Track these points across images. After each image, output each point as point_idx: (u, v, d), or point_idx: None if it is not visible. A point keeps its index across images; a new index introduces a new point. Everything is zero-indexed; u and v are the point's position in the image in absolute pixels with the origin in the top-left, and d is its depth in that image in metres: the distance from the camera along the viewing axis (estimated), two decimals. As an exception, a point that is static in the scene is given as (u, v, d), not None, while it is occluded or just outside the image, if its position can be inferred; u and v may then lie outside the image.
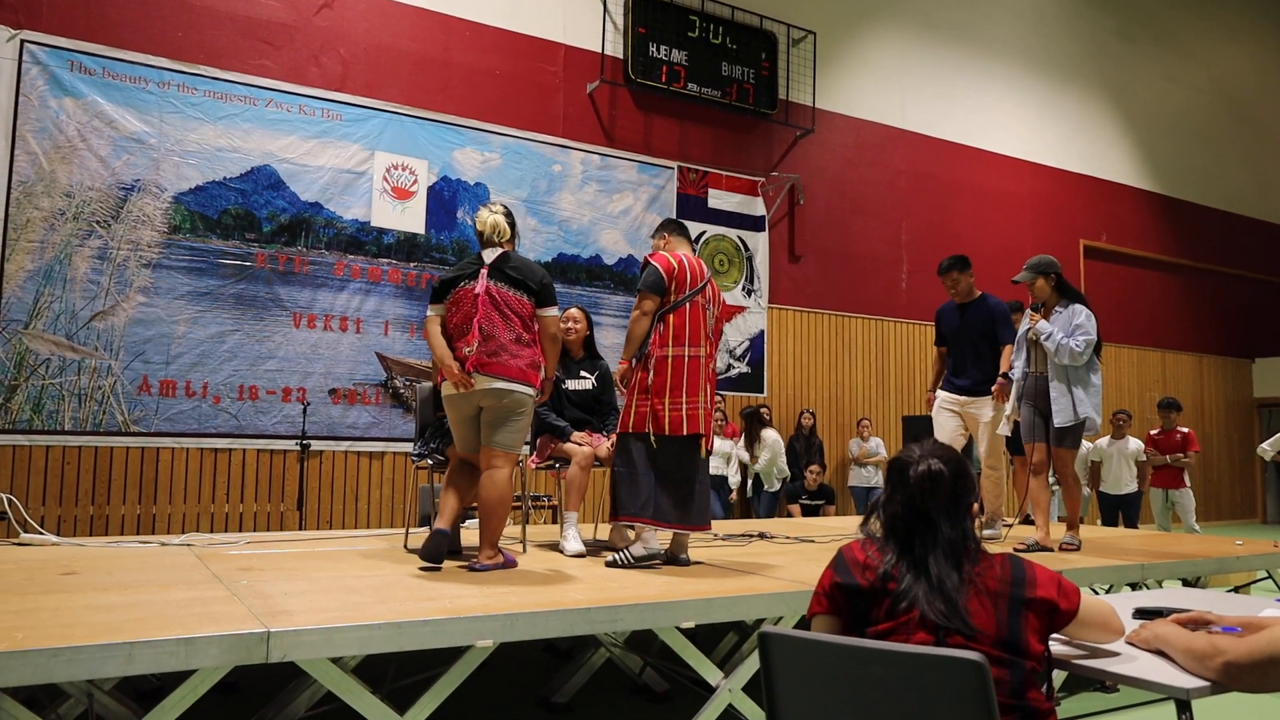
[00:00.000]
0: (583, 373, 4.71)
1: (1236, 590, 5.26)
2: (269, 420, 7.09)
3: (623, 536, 4.39)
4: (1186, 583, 4.59)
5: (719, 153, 9.53)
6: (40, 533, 4.60)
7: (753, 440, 8.64)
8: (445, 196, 7.94)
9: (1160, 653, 1.86)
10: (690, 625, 3.01)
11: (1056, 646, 1.89)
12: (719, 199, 9.46)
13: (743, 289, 9.53)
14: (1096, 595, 2.34)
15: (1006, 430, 5.09)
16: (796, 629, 1.77)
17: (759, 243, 9.69)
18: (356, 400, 7.42)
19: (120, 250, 6.70)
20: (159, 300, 6.79)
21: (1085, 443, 8.67)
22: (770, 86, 9.71)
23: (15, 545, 4.28)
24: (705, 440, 3.92)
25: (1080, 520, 6.77)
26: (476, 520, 5.44)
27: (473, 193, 8.08)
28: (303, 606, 2.73)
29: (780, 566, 3.92)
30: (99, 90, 6.69)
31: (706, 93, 9.33)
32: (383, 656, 2.67)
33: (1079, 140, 12.51)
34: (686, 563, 3.93)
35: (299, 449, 7.06)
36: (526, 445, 5.02)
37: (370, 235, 7.61)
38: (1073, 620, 1.80)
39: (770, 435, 8.69)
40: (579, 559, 4.08)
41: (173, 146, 6.91)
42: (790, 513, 8.61)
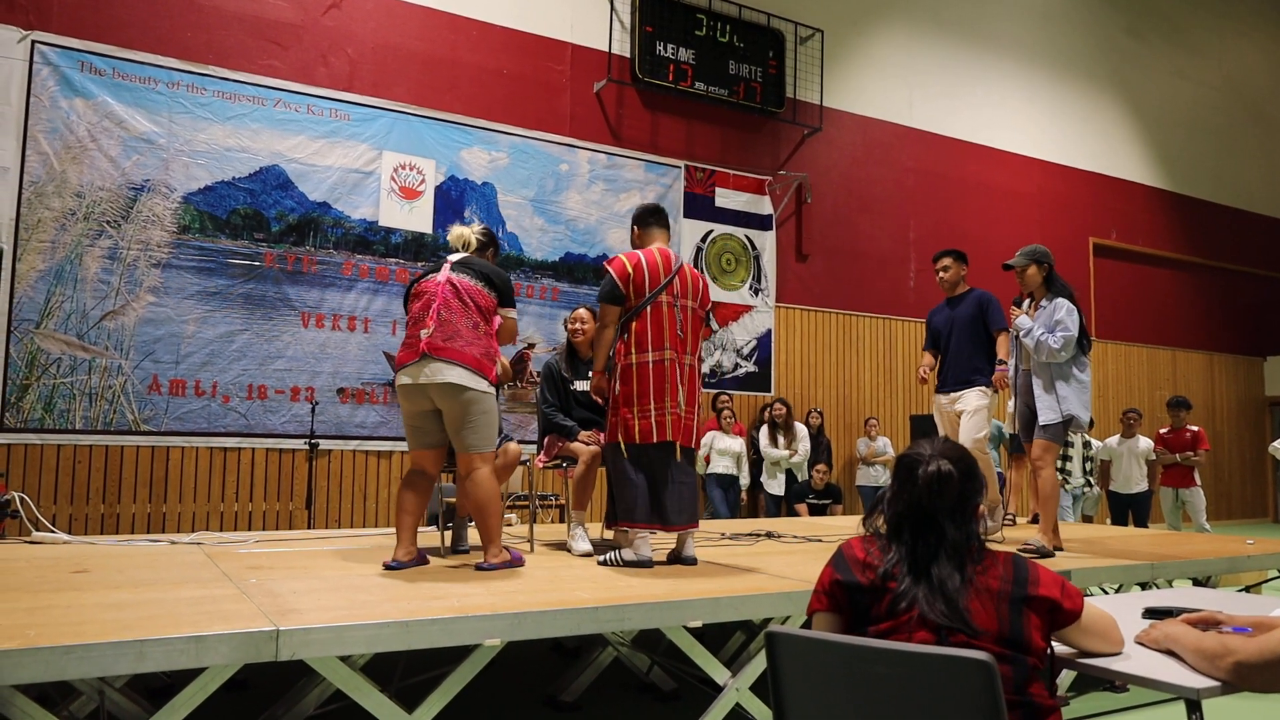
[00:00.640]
0: (590, 373, 4.71)
1: (1248, 590, 5.23)
2: (278, 419, 7.12)
3: (626, 538, 4.39)
4: (1197, 582, 4.57)
5: (726, 151, 9.52)
6: (51, 531, 4.63)
7: (791, 435, 8.72)
8: (453, 196, 7.95)
9: (1170, 652, 1.85)
10: (697, 624, 3.01)
11: (1062, 647, 1.88)
12: (726, 198, 9.45)
13: (750, 288, 9.52)
14: (1104, 602, 2.33)
15: (1010, 427, 5.03)
16: (803, 628, 1.77)
17: (766, 242, 9.68)
18: (365, 399, 7.44)
19: (130, 250, 6.73)
20: (169, 300, 6.82)
21: (1094, 441, 8.64)
22: (777, 85, 9.70)
23: (27, 543, 4.31)
24: (693, 444, 3.90)
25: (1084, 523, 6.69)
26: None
27: (480, 192, 8.09)
28: (312, 605, 2.74)
29: (787, 566, 3.92)
30: (109, 91, 6.72)
31: (714, 91, 9.32)
32: (391, 655, 2.67)
33: (1088, 137, 12.45)
34: (692, 560, 3.93)
35: (308, 448, 7.09)
36: (534, 445, 5.04)
37: (378, 235, 7.63)
38: (1075, 623, 1.79)
39: (801, 429, 8.85)
40: (586, 558, 4.08)
41: (182, 147, 6.94)
42: (797, 512, 8.59)
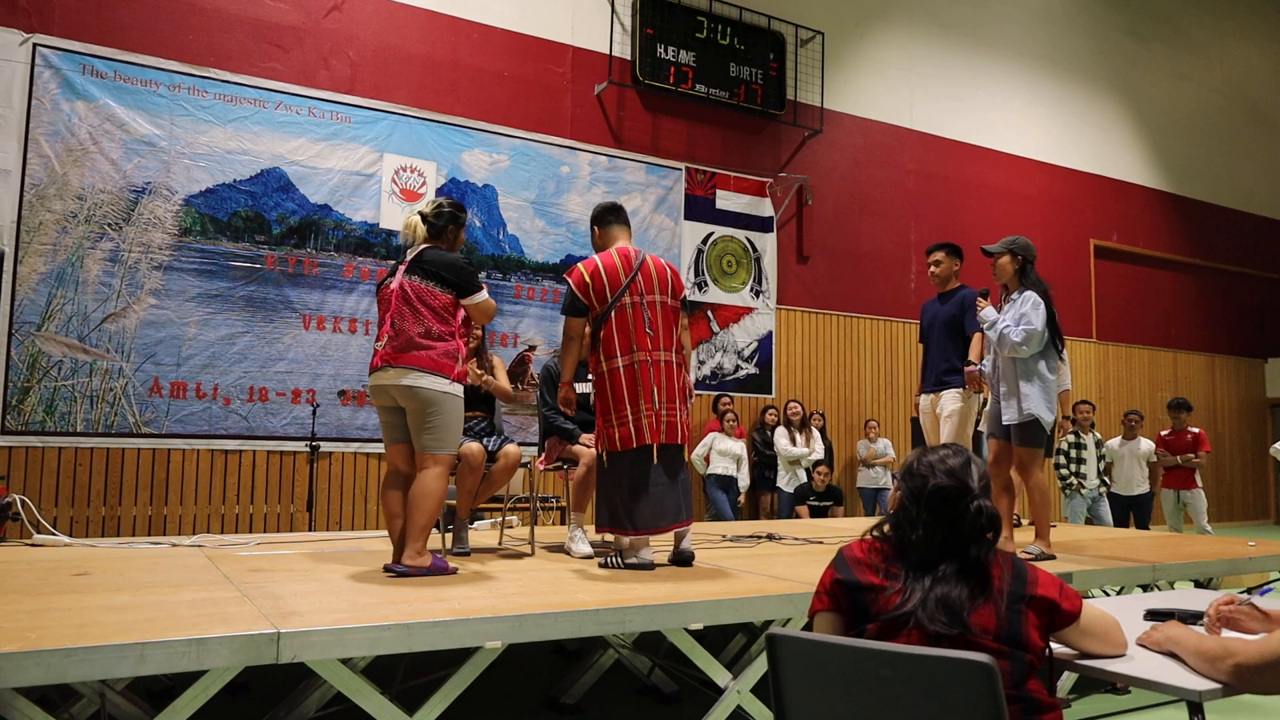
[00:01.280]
0: (590, 375, 4.71)
1: (1249, 592, 5.22)
2: (279, 422, 7.12)
3: (625, 540, 4.39)
4: (1198, 584, 4.56)
5: (727, 153, 9.52)
6: (52, 534, 4.63)
7: (809, 433, 8.86)
8: (454, 198, 7.95)
9: (1172, 654, 1.86)
10: (698, 627, 3.01)
11: (1063, 649, 1.88)
12: (727, 200, 9.45)
13: (751, 290, 9.52)
14: (1105, 604, 2.33)
15: (983, 426, 4.97)
16: (805, 630, 1.77)
17: (767, 243, 9.68)
18: (366, 402, 7.44)
19: (131, 252, 6.73)
20: (170, 302, 6.83)
21: (1111, 442, 8.55)
22: (778, 87, 9.70)
23: (28, 546, 4.31)
24: (680, 439, 3.85)
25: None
26: (483, 522, 5.46)
27: (481, 194, 8.10)
28: (313, 607, 2.74)
29: (789, 568, 3.91)
30: (110, 93, 6.73)
31: (714, 93, 9.32)
32: (392, 657, 2.68)
33: (1089, 139, 12.45)
34: (689, 556, 3.92)
35: (309, 450, 7.09)
36: (534, 447, 5.04)
37: (379, 237, 7.64)
38: (1074, 624, 1.79)
39: (814, 428, 9.01)
40: (587, 560, 4.08)
41: (183, 149, 6.95)
42: (798, 513, 8.60)
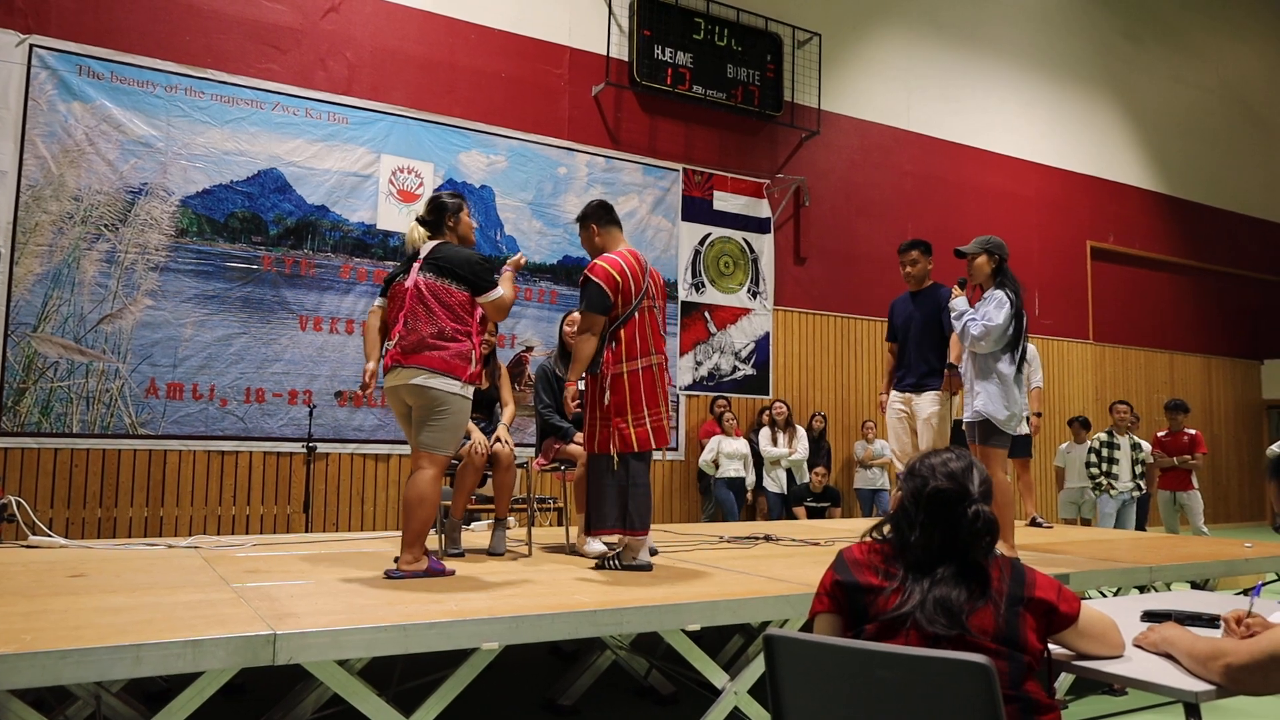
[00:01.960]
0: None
1: (1245, 593, 5.23)
2: (275, 423, 7.11)
3: (622, 542, 4.39)
4: (1195, 585, 4.57)
5: (724, 155, 9.53)
6: (48, 535, 4.62)
7: (792, 434, 8.81)
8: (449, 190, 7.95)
9: (1168, 655, 1.86)
10: (696, 628, 3.01)
11: (1061, 649, 1.89)
12: (724, 201, 9.46)
13: (748, 291, 9.53)
14: (1102, 605, 2.34)
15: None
16: (802, 631, 1.77)
17: (764, 245, 9.68)
18: (362, 403, 7.43)
19: (128, 253, 6.72)
20: (166, 303, 6.81)
21: (1144, 443, 8.50)
22: (775, 88, 9.71)
23: (23, 547, 4.30)
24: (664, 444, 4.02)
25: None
26: (482, 523, 5.46)
27: (478, 195, 8.09)
28: (309, 609, 2.73)
29: (786, 569, 3.91)
30: (107, 94, 6.72)
31: (712, 95, 9.32)
32: (389, 659, 2.67)
33: (1086, 141, 12.47)
34: (654, 551, 4.14)
35: (305, 451, 7.08)
36: (532, 448, 5.04)
37: (376, 238, 7.63)
38: (1072, 626, 1.80)
39: (799, 429, 8.97)
40: (585, 560, 4.08)
41: (180, 150, 6.94)
42: (796, 514, 8.60)
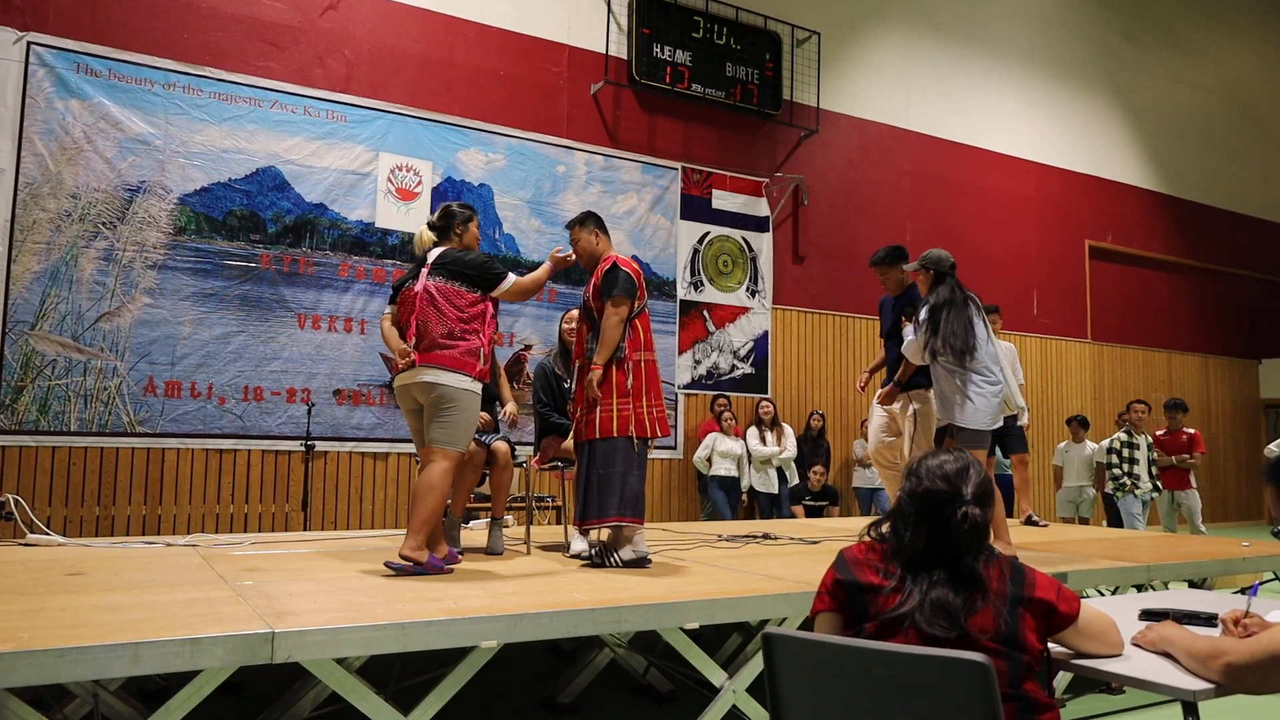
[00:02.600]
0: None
1: (1243, 592, 5.24)
2: (274, 421, 7.10)
3: (621, 536, 4.39)
4: (1193, 584, 4.58)
5: (723, 153, 9.53)
6: (46, 533, 4.62)
7: (780, 432, 8.76)
8: (450, 198, 7.93)
9: (1166, 654, 1.86)
10: (694, 626, 3.01)
11: (1060, 648, 1.89)
12: (723, 200, 9.45)
13: (747, 290, 9.53)
14: (1100, 602, 2.34)
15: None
16: (801, 630, 1.77)
17: (763, 244, 9.68)
18: (361, 401, 7.43)
19: (126, 252, 6.71)
20: (164, 301, 6.81)
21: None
22: (774, 87, 9.71)
23: (21, 546, 4.30)
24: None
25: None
26: (480, 521, 5.46)
27: (477, 194, 8.09)
28: (307, 607, 2.73)
29: (784, 568, 3.92)
30: (105, 92, 6.71)
31: (711, 93, 9.32)
32: (387, 657, 2.67)
33: (1085, 140, 12.48)
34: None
35: (304, 450, 7.08)
36: (530, 447, 5.03)
37: (375, 236, 7.62)
38: (1071, 626, 1.80)
39: (787, 428, 8.92)
40: (581, 558, 4.07)
41: (178, 148, 6.93)
42: (794, 513, 8.60)
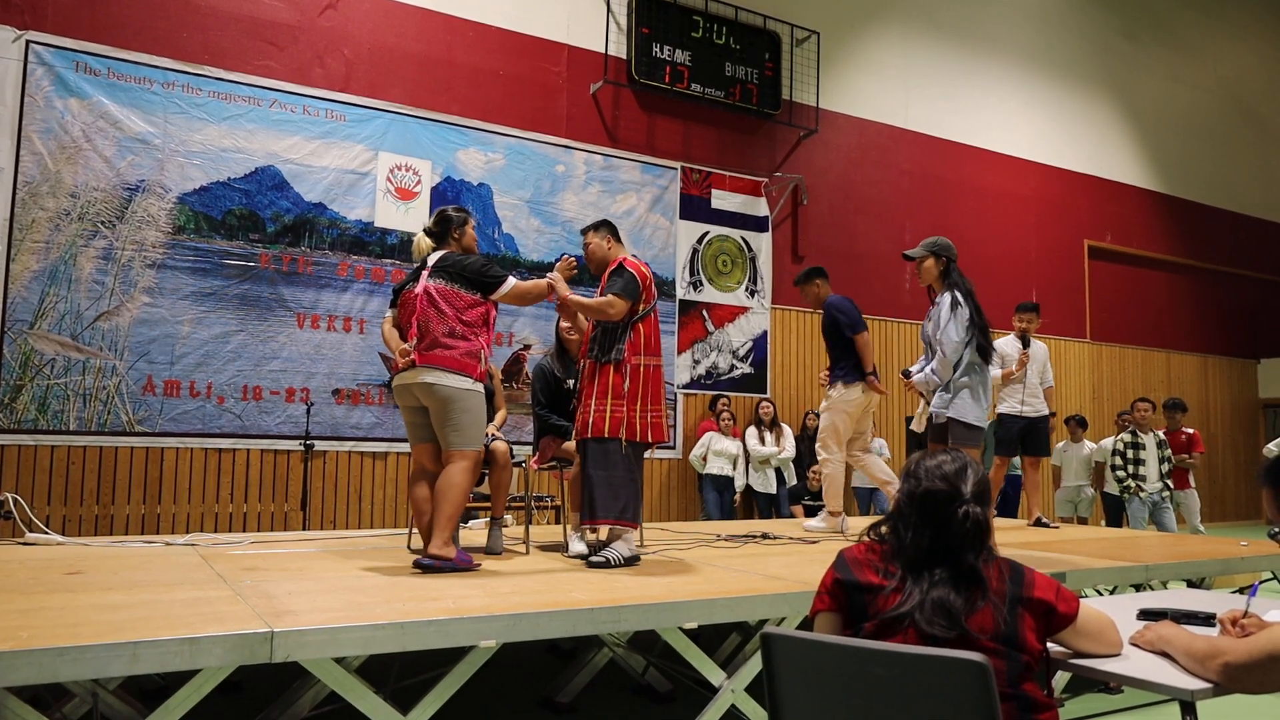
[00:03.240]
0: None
1: (1241, 591, 5.24)
2: (273, 420, 7.10)
3: (620, 534, 4.39)
4: (1191, 584, 4.58)
5: (722, 153, 9.52)
6: (45, 532, 4.62)
7: (779, 432, 8.77)
8: (449, 197, 7.94)
9: (1164, 654, 1.87)
10: (693, 626, 3.01)
11: (1058, 647, 1.89)
12: (722, 199, 9.45)
13: (746, 289, 9.53)
14: (1099, 602, 2.34)
15: (919, 427, 5.12)
16: (800, 630, 1.77)
17: (762, 243, 9.68)
18: (360, 401, 7.42)
19: (125, 251, 6.71)
20: (163, 300, 6.80)
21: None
22: (774, 87, 9.70)
23: (20, 545, 4.30)
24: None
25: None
26: (479, 521, 5.46)
27: (476, 193, 8.09)
28: (306, 606, 2.73)
29: (783, 567, 3.92)
30: (104, 91, 6.70)
31: (710, 93, 9.32)
32: (386, 656, 2.67)
33: (1084, 140, 12.48)
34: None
35: (303, 449, 7.07)
36: (529, 447, 5.04)
37: (374, 236, 7.62)
38: (1070, 626, 1.81)
39: (786, 428, 8.93)
40: (581, 559, 4.07)
41: (177, 147, 6.92)
42: (793, 514, 8.60)
